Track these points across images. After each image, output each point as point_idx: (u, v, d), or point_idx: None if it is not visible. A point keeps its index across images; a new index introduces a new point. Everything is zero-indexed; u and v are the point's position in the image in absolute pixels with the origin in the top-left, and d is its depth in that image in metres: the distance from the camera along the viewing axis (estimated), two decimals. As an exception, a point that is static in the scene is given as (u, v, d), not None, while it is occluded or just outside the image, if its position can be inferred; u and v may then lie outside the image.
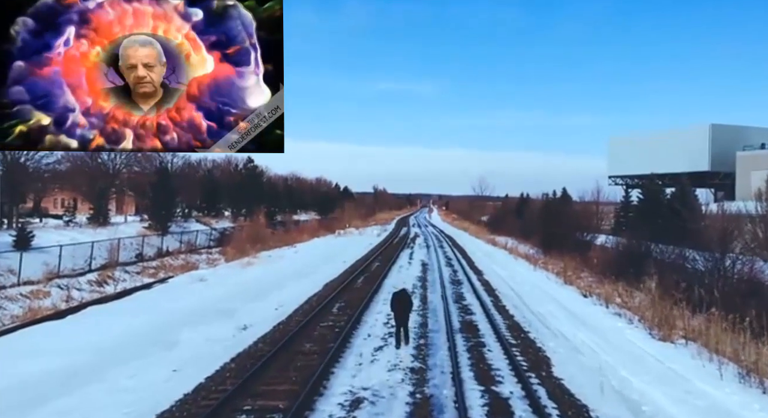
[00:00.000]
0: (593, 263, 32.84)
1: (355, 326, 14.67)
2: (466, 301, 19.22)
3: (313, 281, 23.30)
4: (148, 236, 35.48)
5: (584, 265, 34.56)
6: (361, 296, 19.32)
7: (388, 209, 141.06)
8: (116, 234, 32.59)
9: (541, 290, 23.74)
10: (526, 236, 57.01)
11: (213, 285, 22.56)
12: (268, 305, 18.08)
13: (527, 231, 58.83)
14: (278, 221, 58.83)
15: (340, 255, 34.63)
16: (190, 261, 33.73)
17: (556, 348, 13.46)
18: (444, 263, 31.47)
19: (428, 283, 23.31)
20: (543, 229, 51.60)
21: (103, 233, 33.40)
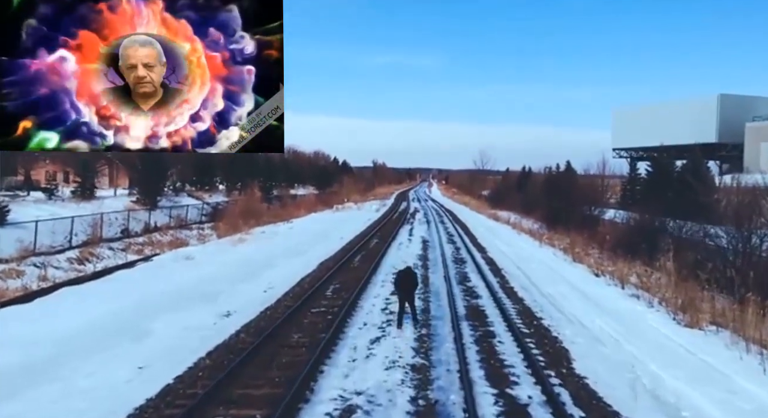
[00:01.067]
0: (602, 239, 31.41)
1: (350, 313, 13.23)
2: (471, 282, 17.79)
3: (307, 260, 21.85)
4: (136, 210, 33.94)
5: (592, 241, 33.16)
6: (358, 277, 17.88)
7: (388, 183, 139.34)
8: (101, 209, 31.04)
9: (549, 268, 22.32)
10: (529, 210, 55.54)
11: (200, 264, 21.08)
12: (257, 287, 16.64)
13: (530, 205, 57.35)
14: (274, 195, 57.24)
15: (338, 231, 33.17)
16: (179, 237, 32.23)
17: (574, 337, 12.05)
18: (445, 240, 30.02)
19: (429, 262, 21.86)
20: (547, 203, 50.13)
21: (87, 207, 31.83)
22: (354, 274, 18.63)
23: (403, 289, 12.19)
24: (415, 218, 46.37)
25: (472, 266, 21.15)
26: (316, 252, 24.09)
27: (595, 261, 25.05)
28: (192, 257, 22.58)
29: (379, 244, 27.08)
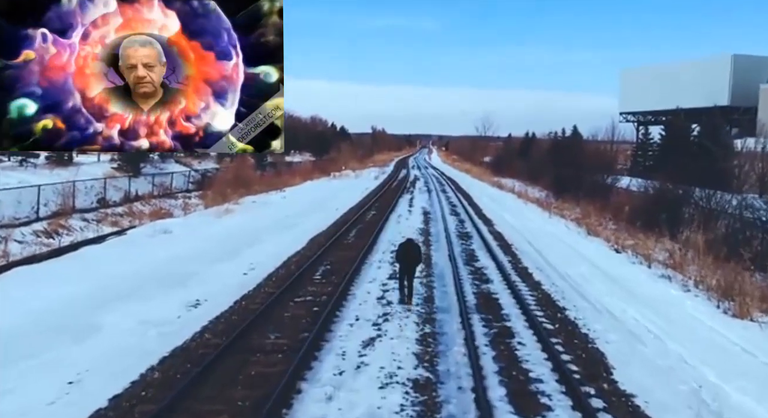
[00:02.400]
0: (616, 209, 29.30)
1: (341, 303, 11.21)
2: (479, 262, 15.74)
3: (297, 235, 19.78)
4: (117, 177, 31.70)
5: (605, 211, 31.08)
6: (352, 256, 15.83)
7: (387, 150, 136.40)
8: (78, 176, 28.77)
9: (563, 243, 20.30)
10: (533, 178, 53.28)
11: (178, 239, 19.01)
12: (237, 268, 14.61)
13: (535, 173, 55.06)
14: (268, 162, 54.83)
15: (333, 201, 31.07)
16: (162, 207, 30.12)
17: (607, 334, 10.07)
18: (448, 211, 27.91)
19: (432, 237, 19.79)
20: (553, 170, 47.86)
21: (62, 174, 29.53)
22: (348, 252, 16.58)
23: (405, 263, 11.27)
24: (415, 186, 44.17)
25: (479, 241, 19.09)
26: (308, 225, 22.01)
27: (612, 234, 23.03)
28: (170, 231, 20.51)
29: (377, 216, 24.98)
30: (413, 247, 11.54)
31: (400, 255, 11.42)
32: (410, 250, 11.38)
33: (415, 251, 11.48)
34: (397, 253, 11.57)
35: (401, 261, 11.40)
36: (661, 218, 24.21)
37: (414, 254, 11.39)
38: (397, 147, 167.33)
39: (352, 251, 16.66)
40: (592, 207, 32.13)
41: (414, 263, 11.39)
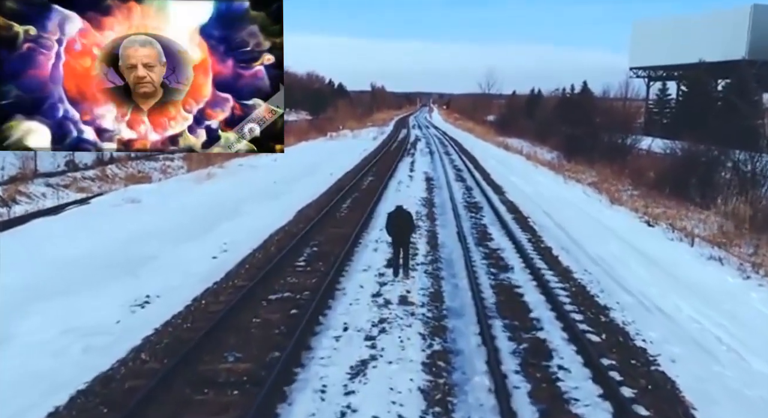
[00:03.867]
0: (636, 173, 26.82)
1: (326, 302, 8.88)
2: (494, 242, 13.35)
3: (284, 206, 17.37)
4: (92, 140, 29.01)
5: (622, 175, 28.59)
6: (344, 234, 13.46)
7: (386, 108, 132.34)
8: (46, 138, 26.12)
9: (584, 214, 17.91)
10: (541, 138, 50.47)
11: (146, 210, 16.58)
12: (206, 250, 12.26)
13: (543, 133, 52.21)
14: (261, 121, 51.99)
15: (328, 164, 28.51)
16: (141, 171, 27.65)
17: (667, 347, 7.79)
18: (453, 176, 25.38)
19: (436, 209, 17.34)
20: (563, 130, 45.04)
21: (28, 137, 26.88)
22: (340, 229, 14.19)
23: (396, 233, 10.12)
24: (416, 148, 41.41)
25: (491, 214, 16.66)
26: (298, 193, 19.57)
27: (638, 203, 20.63)
28: (139, 200, 18.05)
29: (375, 182, 22.48)
30: (403, 215, 10.22)
31: (389, 226, 10.27)
32: (400, 219, 10.15)
33: (405, 219, 10.20)
34: (387, 224, 10.36)
35: (392, 233, 10.25)
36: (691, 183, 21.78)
37: (405, 223, 10.16)
38: (397, 105, 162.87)
39: (344, 227, 14.26)
40: (609, 170, 29.64)
41: (406, 232, 10.20)
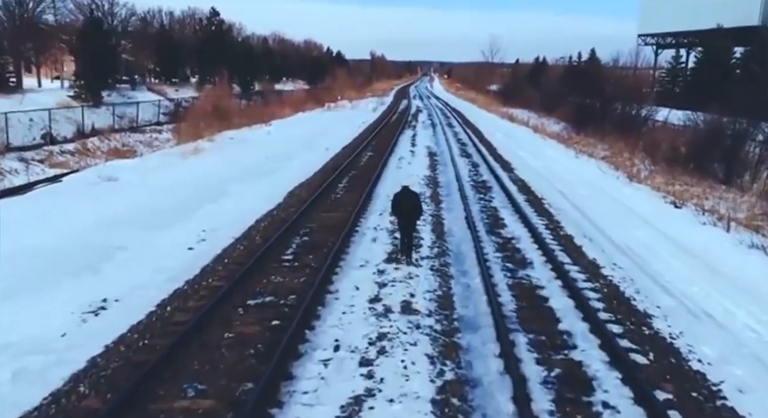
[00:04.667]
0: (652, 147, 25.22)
1: (314, 310, 7.46)
2: (507, 229, 11.87)
3: (274, 185, 15.87)
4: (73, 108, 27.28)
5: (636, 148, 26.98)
6: (339, 220, 11.99)
7: (386, 77, 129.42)
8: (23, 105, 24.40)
9: (603, 193, 16.42)
10: (548, 108, 48.55)
11: (121, 190, 15.08)
12: (182, 239, 10.80)
13: (549, 103, 50.24)
14: (255, 90, 49.93)
15: (325, 138, 26.85)
16: (125, 144, 26.08)
17: (727, 365, 6.46)
18: (458, 151, 23.76)
19: (441, 190, 15.82)
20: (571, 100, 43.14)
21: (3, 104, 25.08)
22: (335, 213, 12.71)
23: (403, 216, 9.50)
24: (417, 119, 39.58)
25: (501, 195, 15.16)
26: (291, 171, 18.04)
27: (659, 180, 19.13)
28: (116, 178, 16.56)
29: (374, 158, 20.89)
30: (410, 196, 9.55)
31: (396, 208, 9.62)
32: (407, 200, 9.47)
33: (412, 201, 9.52)
34: (393, 205, 9.72)
35: (398, 214, 9.61)
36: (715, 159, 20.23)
37: (412, 205, 9.48)
38: (397, 74, 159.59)
39: (340, 211, 12.79)
40: (623, 143, 28.02)
41: (413, 214, 9.53)
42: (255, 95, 47.53)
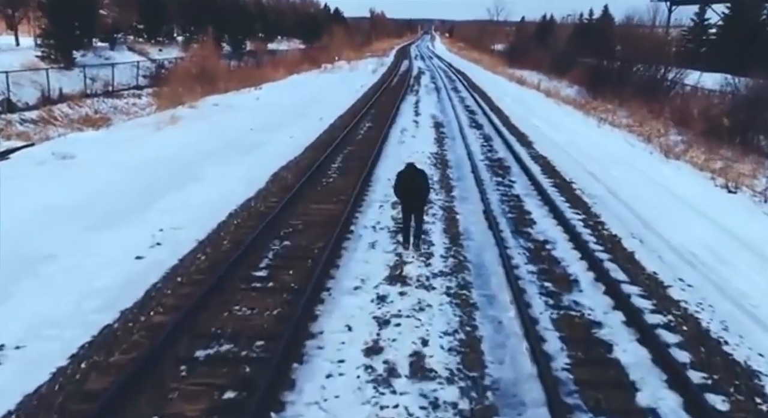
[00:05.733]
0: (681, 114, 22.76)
1: (286, 371, 5.31)
2: (537, 226, 9.63)
3: (256, 164, 13.60)
4: (40, 70, 24.62)
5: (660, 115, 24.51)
6: (330, 215, 9.76)
7: (386, 36, 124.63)
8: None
9: (639, 174, 14.16)
10: (558, 70, 45.59)
11: (74, 171, 12.78)
12: (131, 242, 8.60)
13: (560, 64, 47.24)
14: (246, 50, 46.78)
15: (319, 105, 24.36)
16: (98, 111, 23.55)
17: None
18: (466, 121, 21.29)
19: (451, 170, 13.49)
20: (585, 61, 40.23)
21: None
22: (325, 206, 10.45)
23: (407, 197, 8.23)
24: (420, 83, 36.78)
25: (523, 178, 12.86)
26: (277, 147, 15.70)
27: (696, 155, 16.83)
28: (73, 155, 14.24)
29: (373, 130, 18.47)
30: (416, 175, 8.26)
31: (399, 189, 8.29)
32: (412, 180, 8.20)
33: (419, 181, 8.23)
34: (396, 186, 8.34)
35: (402, 197, 8.30)
36: (761, 129, 17.84)
37: (418, 185, 8.20)
38: (398, 33, 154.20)
39: (331, 203, 10.54)
40: (646, 110, 25.52)
41: (419, 196, 8.27)
42: (246, 56, 44.49)
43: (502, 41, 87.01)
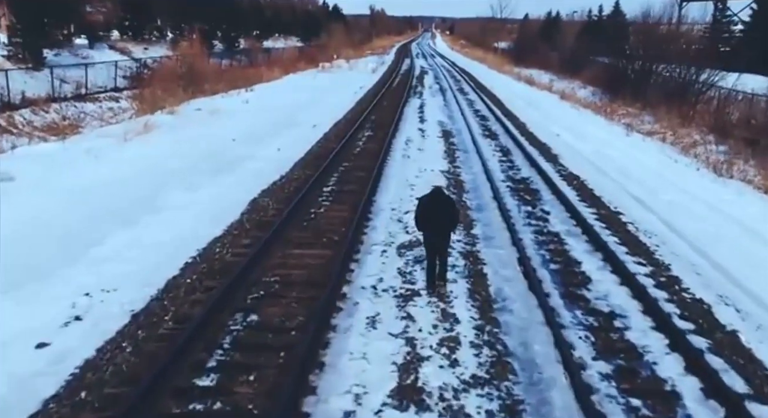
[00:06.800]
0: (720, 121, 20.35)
1: None
2: (593, 286, 7.19)
3: (231, 188, 11.22)
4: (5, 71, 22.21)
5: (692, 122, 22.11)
6: (315, 273, 7.35)
7: (386, 34, 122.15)
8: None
9: (695, 199, 11.73)
10: (570, 70, 43.17)
11: (13, 196, 10.35)
12: (41, 316, 6.23)
13: (570, 63, 44.85)
14: (240, 49, 44.33)
15: (314, 108, 22.00)
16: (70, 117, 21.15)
17: None
18: (479, 129, 18.84)
19: (468, 196, 11.02)
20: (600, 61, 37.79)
21: None
22: (310, 252, 8.03)
23: (432, 232, 6.82)
24: (423, 84, 34.29)
25: (558, 208, 10.41)
26: (261, 163, 13.36)
27: (752, 174, 14.44)
28: (12, 176, 11.77)
29: (373, 141, 16.04)
30: (442, 203, 6.84)
31: (422, 219, 6.90)
32: (437, 209, 6.77)
33: (445, 210, 6.82)
34: (418, 215, 6.96)
35: (425, 229, 6.93)
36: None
37: (445, 215, 6.79)
38: (398, 31, 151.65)
39: (319, 246, 8.13)
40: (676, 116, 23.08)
41: (445, 230, 6.89)
42: (240, 54, 42.04)
43: (504, 39, 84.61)
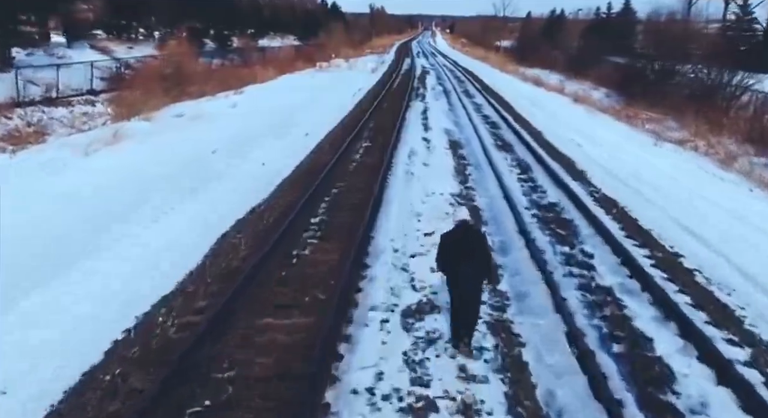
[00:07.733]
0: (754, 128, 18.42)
1: None
2: (677, 384, 5.23)
3: (195, 221, 9.25)
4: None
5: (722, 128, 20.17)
6: (290, 352, 5.37)
7: (386, 32, 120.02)
8: None
9: (749, 227, 9.77)
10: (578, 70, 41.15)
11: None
12: None
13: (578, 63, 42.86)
14: (232, 47, 42.33)
15: (308, 113, 20.04)
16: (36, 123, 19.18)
17: None
18: (490, 139, 16.83)
19: (488, 231, 9.04)
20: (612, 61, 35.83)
21: None
22: (286, 318, 6.05)
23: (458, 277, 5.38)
24: (425, 84, 32.27)
25: (603, 249, 8.36)
26: (239, 183, 11.41)
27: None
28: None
29: (372, 154, 14.06)
30: (472, 243, 5.38)
31: (445, 262, 5.44)
32: (466, 251, 5.30)
33: (476, 251, 5.32)
34: (441, 257, 5.50)
35: (449, 273, 5.44)
36: None
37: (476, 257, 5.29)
38: (398, 29, 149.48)
39: (297, 312, 6.13)
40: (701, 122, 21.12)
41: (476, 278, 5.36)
42: (233, 53, 40.05)
43: (506, 38, 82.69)
